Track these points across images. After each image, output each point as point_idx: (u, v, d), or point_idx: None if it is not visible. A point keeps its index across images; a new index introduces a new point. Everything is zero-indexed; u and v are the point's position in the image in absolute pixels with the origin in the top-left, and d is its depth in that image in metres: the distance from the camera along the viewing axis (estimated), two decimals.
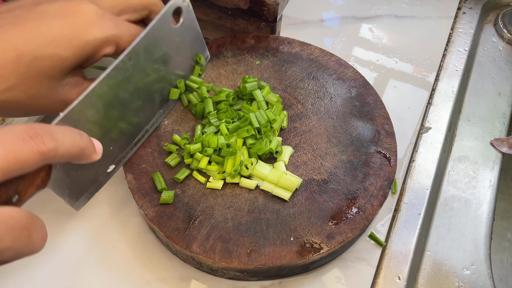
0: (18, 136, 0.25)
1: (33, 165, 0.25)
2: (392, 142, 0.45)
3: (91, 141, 0.31)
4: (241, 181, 0.42)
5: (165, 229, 0.39)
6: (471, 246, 0.46)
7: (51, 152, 0.26)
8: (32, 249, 0.26)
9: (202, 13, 0.56)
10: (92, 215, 0.46)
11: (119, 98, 0.39)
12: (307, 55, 0.52)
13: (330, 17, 0.65)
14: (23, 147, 0.25)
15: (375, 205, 0.41)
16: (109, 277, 0.42)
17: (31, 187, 0.28)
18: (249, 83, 0.46)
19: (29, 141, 0.25)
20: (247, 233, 0.39)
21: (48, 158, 0.26)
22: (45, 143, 0.26)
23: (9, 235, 0.24)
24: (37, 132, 0.26)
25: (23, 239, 0.25)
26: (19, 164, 0.25)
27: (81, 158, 0.30)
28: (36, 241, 0.26)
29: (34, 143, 0.25)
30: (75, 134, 0.29)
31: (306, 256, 0.38)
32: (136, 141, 0.43)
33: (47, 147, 0.26)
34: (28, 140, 0.25)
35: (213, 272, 0.42)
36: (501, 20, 0.65)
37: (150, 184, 0.42)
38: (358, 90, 0.49)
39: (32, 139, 0.25)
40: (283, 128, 0.46)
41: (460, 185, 0.51)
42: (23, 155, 0.25)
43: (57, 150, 0.26)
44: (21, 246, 0.25)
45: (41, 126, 0.26)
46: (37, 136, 0.26)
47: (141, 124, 0.43)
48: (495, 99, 0.58)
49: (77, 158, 0.30)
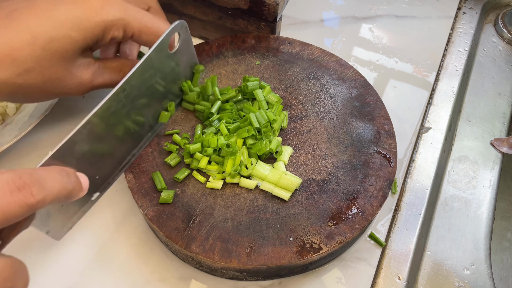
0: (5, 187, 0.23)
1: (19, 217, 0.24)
2: (392, 143, 0.45)
3: (79, 180, 0.30)
4: (241, 181, 0.42)
5: (165, 228, 0.39)
6: (471, 246, 0.46)
7: (39, 204, 0.25)
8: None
9: (202, 13, 0.56)
10: (92, 215, 0.46)
11: (110, 129, 0.38)
12: (307, 55, 0.52)
13: (330, 17, 0.65)
14: (11, 200, 0.23)
15: (375, 205, 0.41)
16: (109, 277, 0.42)
17: (15, 230, 0.28)
18: (250, 82, 0.46)
19: (17, 194, 0.24)
20: (246, 233, 0.39)
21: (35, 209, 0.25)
22: (34, 194, 0.24)
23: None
24: (26, 182, 0.24)
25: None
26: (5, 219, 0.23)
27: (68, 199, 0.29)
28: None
29: (22, 195, 0.24)
30: (63, 177, 0.28)
31: (305, 256, 0.38)
32: (122, 167, 0.42)
33: (36, 199, 0.24)
34: (16, 192, 0.24)
35: (212, 272, 0.42)
36: (501, 20, 0.65)
37: (150, 184, 0.42)
38: (358, 91, 0.49)
39: (20, 191, 0.24)
40: (283, 128, 0.46)
41: (460, 185, 0.51)
42: (10, 210, 0.23)
43: (45, 200, 0.25)
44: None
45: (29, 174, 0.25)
46: (25, 187, 0.24)
47: (128, 150, 0.43)
48: (495, 99, 0.58)
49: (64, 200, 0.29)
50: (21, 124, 0.48)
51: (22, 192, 0.24)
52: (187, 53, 0.45)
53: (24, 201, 0.24)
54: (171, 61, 0.43)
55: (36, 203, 0.25)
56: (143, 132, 0.44)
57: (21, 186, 0.24)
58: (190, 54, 0.46)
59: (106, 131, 0.38)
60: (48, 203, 0.26)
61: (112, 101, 0.37)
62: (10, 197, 0.23)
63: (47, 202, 0.26)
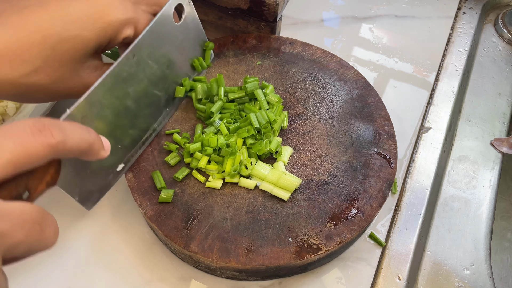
0: (27, 129, 0.25)
1: (42, 158, 0.25)
2: (392, 144, 0.45)
3: (99, 137, 0.32)
4: (241, 181, 0.42)
5: (164, 227, 0.39)
6: (471, 246, 0.46)
7: (59, 145, 0.26)
8: (45, 244, 0.26)
9: (202, 13, 0.56)
10: (92, 215, 0.46)
11: (125, 96, 0.39)
12: (308, 55, 0.52)
13: (330, 17, 0.65)
14: (32, 140, 0.25)
15: (374, 206, 0.41)
16: (109, 277, 0.42)
17: (41, 183, 0.28)
18: (249, 83, 0.46)
19: (38, 134, 0.25)
20: (245, 233, 0.39)
21: (57, 151, 0.26)
22: (54, 135, 0.26)
23: (21, 229, 0.23)
24: (46, 125, 0.26)
25: (35, 233, 0.24)
26: (28, 157, 0.25)
27: (90, 154, 0.30)
28: (48, 236, 0.26)
29: (43, 135, 0.25)
30: (83, 129, 0.29)
31: (304, 256, 0.38)
32: (144, 140, 0.44)
33: (56, 140, 0.26)
34: (37, 133, 0.25)
35: (211, 272, 0.42)
36: (501, 20, 0.65)
37: (149, 183, 0.42)
38: (359, 91, 0.49)
39: (40, 132, 0.25)
40: (283, 129, 0.46)
41: (460, 185, 0.51)
42: (32, 148, 0.25)
43: (65, 143, 0.27)
44: (34, 241, 0.24)
45: (49, 120, 0.26)
46: (46, 129, 0.26)
47: (147, 123, 0.43)
48: (495, 99, 0.58)
49: (86, 154, 0.30)
50: None
51: (42, 133, 0.25)
52: (195, 29, 0.45)
53: (45, 141, 0.25)
54: (178, 34, 0.43)
55: (57, 144, 0.26)
56: (161, 106, 0.44)
57: (42, 128, 0.25)
58: (198, 30, 0.46)
59: (121, 97, 0.39)
60: (69, 149, 0.27)
61: (122, 65, 0.37)
62: (32, 137, 0.25)
63: (67, 146, 0.27)
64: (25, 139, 0.24)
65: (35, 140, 0.25)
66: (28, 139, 0.25)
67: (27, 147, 0.24)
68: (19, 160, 0.24)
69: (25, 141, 0.24)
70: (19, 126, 0.25)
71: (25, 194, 0.27)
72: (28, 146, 0.24)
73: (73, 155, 0.29)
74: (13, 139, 0.24)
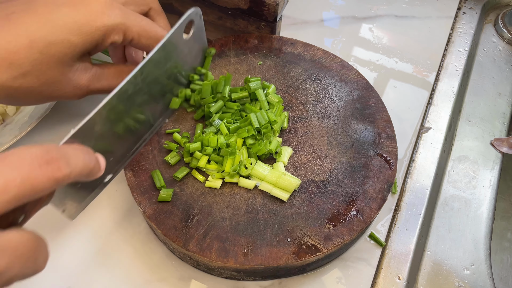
0: (35, 162, 0.24)
1: (46, 191, 0.25)
2: (392, 145, 0.45)
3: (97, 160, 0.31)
4: (240, 180, 0.42)
5: (163, 226, 0.39)
6: (471, 246, 0.46)
7: (65, 178, 0.25)
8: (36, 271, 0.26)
9: (202, 13, 0.56)
10: (92, 215, 0.46)
11: (126, 112, 0.39)
12: (310, 56, 0.52)
13: (330, 17, 0.65)
14: (39, 173, 0.24)
15: (374, 208, 0.41)
16: (109, 277, 0.42)
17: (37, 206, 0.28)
18: (252, 82, 0.46)
19: (45, 168, 0.24)
20: (244, 233, 0.39)
21: (61, 184, 0.26)
22: (61, 169, 0.25)
23: (19, 262, 0.23)
24: (53, 157, 0.25)
25: (30, 264, 0.24)
26: (33, 192, 0.24)
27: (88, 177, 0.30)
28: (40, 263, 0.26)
29: (50, 169, 0.24)
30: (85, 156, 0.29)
31: (302, 257, 0.38)
32: (134, 150, 0.43)
33: (62, 174, 0.25)
34: (44, 166, 0.24)
35: (209, 271, 0.42)
36: (501, 20, 0.65)
37: (149, 182, 0.42)
38: (360, 92, 0.49)
39: (48, 165, 0.24)
40: (283, 129, 0.46)
41: (460, 185, 0.51)
42: (38, 183, 0.24)
43: (70, 175, 0.26)
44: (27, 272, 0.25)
45: (56, 150, 0.26)
46: (53, 161, 0.25)
47: (140, 134, 0.43)
48: (495, 99, 0.58)
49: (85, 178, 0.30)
50: (21, 124, 0.48)
51: (50, 166, 0.25)
52: (199, 40, 0.45)
53: (52, 175, 0.25)
54: (185, 48, 0.43)
55: (63, 178, 0.25)
56: (156, 117, 0.44)
57: (50, 160, 0.25)
58: (203, 43, 0.46)
59: (123, 113, 0.39)
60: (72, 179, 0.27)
61: (130, 83, 0.37)
62: (39, 171, 0.24)
63: (71, 177, 0.26)
64: (32, 172, 0.24)
65: (41, 174, 0.24)
66: (35, 173, 0.24)
67: (33, 181, 0.24)
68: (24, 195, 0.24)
69: (32, 175, 0.24)
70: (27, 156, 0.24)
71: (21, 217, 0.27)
72: (34, 180, 0.24)
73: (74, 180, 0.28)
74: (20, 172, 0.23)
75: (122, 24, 0.36)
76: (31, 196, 0.24)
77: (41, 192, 0.24)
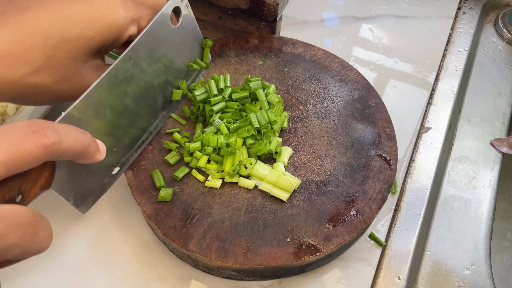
0: (21, 131, 0.25)
1: (36, 159, 0.25)
2: (393, 146, 0.45)
3: (95, 140, 0.31)
4: (240, 180, 0.42)
5: (163, 226, 0.39)
6: (471, 246, 0.46)
7: (54, 146, 0.26)
8: (38, 247, 0.26)
9: (202, 13, 0.56)
10: (92, 215, 0.46)
11: (121, 98, 0.39)
12: (310, 56, 0.52)
13: (330, 17, 0.65)
14: (26, 141, 0.25)
15: (374, 208, 0.41)
16: (109, 277, 0.42)
17: (35, 186, 0.28)
18: (252, 82, 0.46)
19: (32, 135, 0.25)
20: (244, 233, 0.39)
21: (51, 153, 0.26)
22: (48, 136, 0.26)
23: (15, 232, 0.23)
24: (40, 126, 0.26)
25: (28, 236, 0.24)
26: (22, 159, 0.24)
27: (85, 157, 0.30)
28: (42, 239, 0.26)
29: (37, 137, 0.25)
30: (78, 132, 0.29)
31: (302, 257, 0.38)
32: (140, 143, 0.43)
33: (50, 141, 0.26)
34: (31, 134, 0.25)
35: (209, 271, 0.42)
36: (501, 20, 0.65)
37: (149, 181, 0.42)
38: (360, 93, 0.49)
39: (34, 133, 0.25)
40: (283, 129, 0.46)
41: (460, 185, 0.51)
42: (26, 149, 0.24)
43: (60, 144, 0.26)
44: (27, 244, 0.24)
45: (44, 121, 0.26)
46: (40, 130, 0.25)
47: (144, 126, 0.43)
48: (495, 99, 0.58)
49: (81, 156, 0.30)
50: None
51: (36, 134, 0.25)
52: (192, 31, 0.45)
53: (39, 142, 0.25)
54: (176, 36, 0.43)
55: (51, 145, 0.26)
56: (157, 109, 0.44)
57: (36, 129, 0.25)
58: (196, 33, 0.46)
59: (117, 99, 0.38)
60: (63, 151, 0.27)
61: (119, 67, 0.37)
62: (26, 138, 0.25)
63: (62, 148, 0.27)
64: (18, 140, 0.24)
65: (29, 141, 0.25)
66: (22, 140, 0.24)
67: (21, 148, 0.24)
68: (13, 161, 0.24)
69: (19, 142, 0.24)
70: (13, 127, 0.25)
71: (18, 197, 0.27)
72: (21, 147, 0.24)
73: (68, 157, 0.28)
74: (7, 141, 0.24)
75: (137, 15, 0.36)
76: (20, 164, 0.24)
77: (31, 160, 0.25)
